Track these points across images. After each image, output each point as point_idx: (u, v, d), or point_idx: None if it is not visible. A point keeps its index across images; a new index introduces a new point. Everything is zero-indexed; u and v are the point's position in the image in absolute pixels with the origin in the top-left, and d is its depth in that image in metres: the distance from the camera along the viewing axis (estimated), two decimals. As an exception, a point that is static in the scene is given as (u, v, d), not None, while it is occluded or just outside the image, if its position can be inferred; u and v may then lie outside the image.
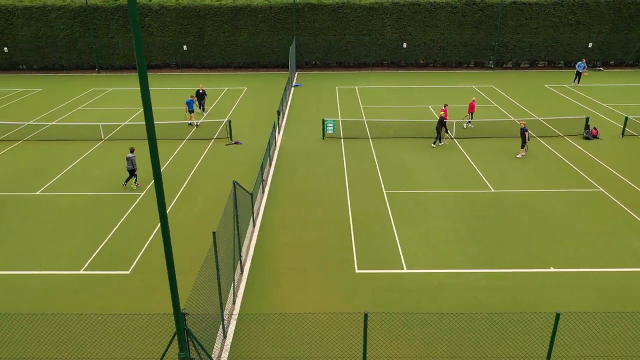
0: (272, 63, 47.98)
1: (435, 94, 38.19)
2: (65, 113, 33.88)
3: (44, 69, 48.49)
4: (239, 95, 38.22)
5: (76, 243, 17.66)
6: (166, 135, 28.87)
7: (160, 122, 31.21)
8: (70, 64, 47.77)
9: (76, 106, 35.59)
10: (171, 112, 33.97)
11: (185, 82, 43.07)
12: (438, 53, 47.24)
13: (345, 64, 48.36)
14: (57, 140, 28.33)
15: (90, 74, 47.28)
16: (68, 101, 37.01)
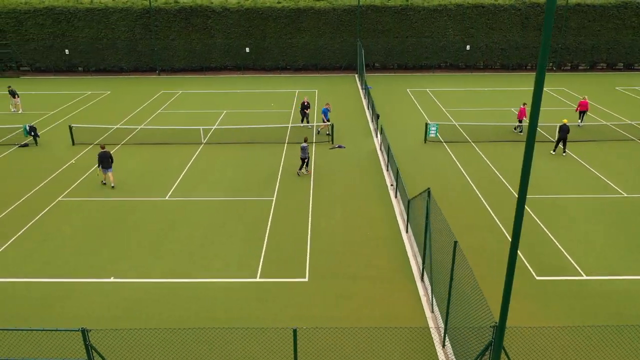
0: (332, 65, 47.81)
1: (510, 96, 37.99)
2: (146, 116, 33.68)
3: (102, 71, 48.36)
4: (313, 98, 37.99)
5: (237, 248, 17.49)
6: (270, 139, 28.66)
7: (260, 125, 30.99)
8: (129, 66, 47.65)
9: (153, 109, 35.40)
10: (266, 114, 33.76)
11: (248, 84, 42.88)
12: (499, 55, 47.05)
13: (404, 66, 48.15)
14: (157, 144, 28.12)
15: (150, 76, 47.13)
16: (144, 104, 36.85)
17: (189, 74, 47.76)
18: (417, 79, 44.54)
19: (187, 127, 30.15)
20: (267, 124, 31.13)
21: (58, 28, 46.00)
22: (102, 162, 21.74)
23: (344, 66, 47.78)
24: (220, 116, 33.37)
